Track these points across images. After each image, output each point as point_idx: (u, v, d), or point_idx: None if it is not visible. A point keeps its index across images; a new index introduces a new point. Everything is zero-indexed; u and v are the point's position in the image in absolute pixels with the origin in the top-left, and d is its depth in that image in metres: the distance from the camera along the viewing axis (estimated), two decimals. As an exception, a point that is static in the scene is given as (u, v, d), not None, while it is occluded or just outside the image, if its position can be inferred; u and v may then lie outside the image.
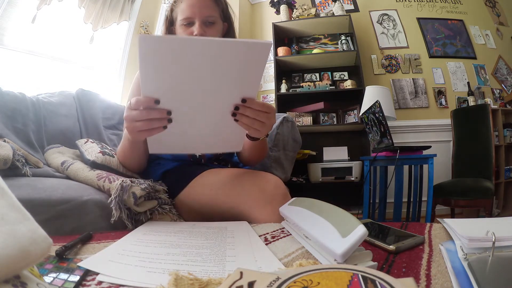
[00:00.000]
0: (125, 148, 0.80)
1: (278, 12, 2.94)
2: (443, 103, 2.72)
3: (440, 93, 2.74)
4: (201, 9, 0.80)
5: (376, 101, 1.82)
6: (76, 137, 1.24)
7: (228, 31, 0.92)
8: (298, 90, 2.73)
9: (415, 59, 2.83)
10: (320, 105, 2.62)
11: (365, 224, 0.50)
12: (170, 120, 0.55)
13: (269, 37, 3.03)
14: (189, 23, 0.81)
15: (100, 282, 0.33)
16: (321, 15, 2.87)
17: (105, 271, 0.35)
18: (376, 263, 0.35)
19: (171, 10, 0.87)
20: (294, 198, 0.60)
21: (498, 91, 2.78)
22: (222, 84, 0.52)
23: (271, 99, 2.89)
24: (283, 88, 2.75)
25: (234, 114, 0.57)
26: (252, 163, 0.94)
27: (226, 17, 0.89)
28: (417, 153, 1.81)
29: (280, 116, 1.64)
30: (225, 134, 0.62)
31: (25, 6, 1.97)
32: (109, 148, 1.06)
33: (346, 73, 2.86)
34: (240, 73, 0.51)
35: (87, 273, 0.35)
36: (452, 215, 2.22)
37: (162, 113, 0.53)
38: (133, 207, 0.69)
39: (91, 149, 0.95)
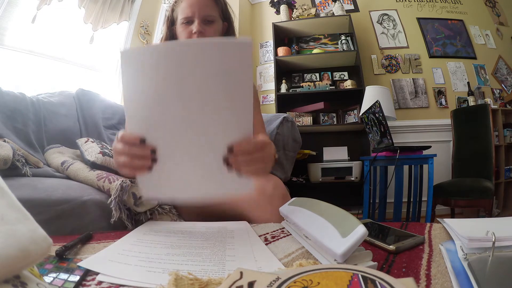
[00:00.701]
0: None
1: (278, 12, 2.94)
2: (443, 103, 2.72)
3: (440, 93, 2.74)
4: (200, 8, 0.81)
5: (376, 101, 1.82)
6: (76, 137, 1.24)
7: (228, 31, 0.92)
8: (298, 90, 2.72)
9: (415, 59, 2.83)
10: (320, 105, 2.62)
11: (365, 224, 0.50)
12: (154, 160, 0.48)
13: (269, 37, 3.02)
14: (188, 22, 0.82)
15: (100, 282, 0.33)
16: (321, 15, 2.86)
17: (105, 271, 0.35)
18: (376, 263, 0.35)
19: (172, 10, 0.88)
20: (294, 198, 0.60)
21: (498, 91, 2.77)
22: (210, 100, 0.45)
23: (271, 99, 2.89)
24: (283, 88, 2.75)
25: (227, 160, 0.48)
26: None
27: (225, 17, 0.90)
28: (417, 153, 1.81)
29: (280, 116, 1.65)
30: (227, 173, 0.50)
31: (25, 6, 1.97)
32: (109, 148, 1.06)
33: (346, 73, 2.86)
34: (225, 85, 0.44)
35: (87, 273, 0.35)
36: (452, 215, 2.22)
37: (144, 150, 0.47)
38: (133, 207, 0.69)
39: (91, 149, 0.95)
